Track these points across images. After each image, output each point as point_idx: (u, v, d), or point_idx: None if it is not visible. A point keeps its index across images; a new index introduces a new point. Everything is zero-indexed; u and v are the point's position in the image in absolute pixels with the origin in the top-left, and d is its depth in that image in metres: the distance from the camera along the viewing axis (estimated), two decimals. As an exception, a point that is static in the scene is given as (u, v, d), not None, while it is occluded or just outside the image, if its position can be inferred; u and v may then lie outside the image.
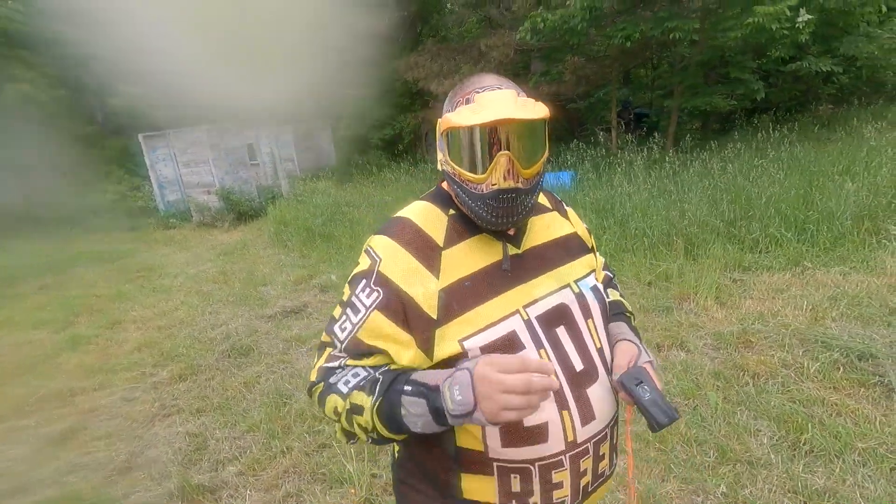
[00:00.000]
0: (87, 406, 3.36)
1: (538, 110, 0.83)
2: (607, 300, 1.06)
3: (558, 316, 0.89)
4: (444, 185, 0.96)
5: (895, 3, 7.30)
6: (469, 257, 0.88)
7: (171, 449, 2.71)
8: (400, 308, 0.83)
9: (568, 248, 0.99)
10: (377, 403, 0.77)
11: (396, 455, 1.01)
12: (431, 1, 13.27)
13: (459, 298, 0.84)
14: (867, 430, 2.16)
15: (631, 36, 7.03)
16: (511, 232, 0.91)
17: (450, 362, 0.81)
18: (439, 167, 0.91)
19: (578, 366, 0.88)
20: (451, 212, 0.92)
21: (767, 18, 5.85)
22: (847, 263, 3.78)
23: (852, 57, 8.17)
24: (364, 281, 0.86)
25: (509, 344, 0.83)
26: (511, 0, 10.01)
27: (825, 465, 2.03)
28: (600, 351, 0.92)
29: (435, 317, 0.83)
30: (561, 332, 0.88)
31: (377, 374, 0.82)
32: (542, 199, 1.05)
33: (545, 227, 0.99)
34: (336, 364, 0.86)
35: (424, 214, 0.92)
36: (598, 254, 1.13)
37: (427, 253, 0.86)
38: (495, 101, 0.81)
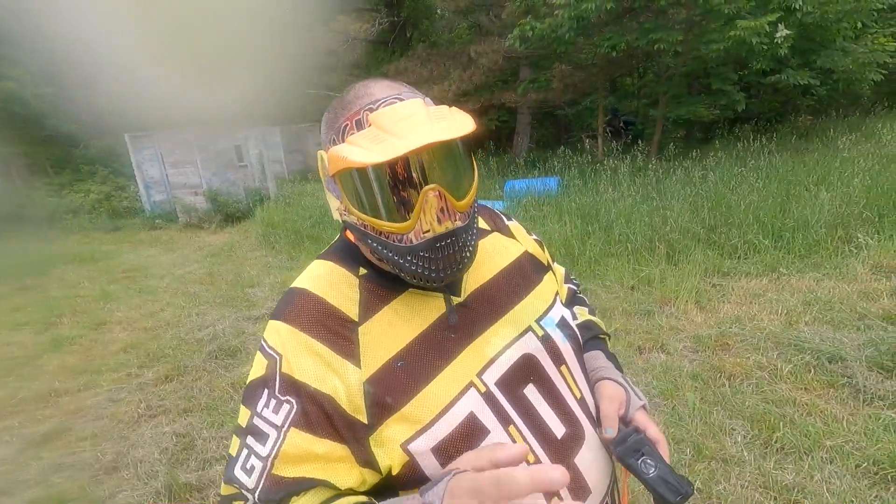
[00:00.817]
0: (72, 407, 3.34)
1: (462, 122, 0.59)
2: (576, 322, 0.88)
3: (524, 373, 0.70)
4: (350, 234, 0.73)
5: (870, 19, 7.57)
6: (396, 328, 0.67)
7: (157, 449, 2.72)
8: (322, 417, 0.61)
9: (522, 276, 0.80)
10: None
11: None
12: (422, 7, 13.38)
13: (392, 387, 0.63)
14: (835, 428, 2.26)
15: (617, 46, 7.20)
16: (461, 272, 0.66)
17: (404, 475, 0.63)
18: (336, 216, 0.69)
19: (560, 431, 0.70)
20: (363, 271, 0.70)
21: (748, 32, 6.04)
22: (820, 270, 3.93)
23: (829, 70, 8.45)
24: (265, 392, 0.63)
25: (468, 433, 0.63)
26: (500, 7, 10.15)
27: (795, 462, 2.12)
28: (581, 401, 0.75)
29: (365, 421, 0.62)
30: (530, 392, 0.70)
31: None
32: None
33: (487, 258, 0.78)
34: None
35: (327, 281, 0.70)
36: (555, 265, 0.95)
37: (339, 334, 0.65)
38: (403, 121, 0.57)
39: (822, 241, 4.28)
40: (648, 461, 0.71)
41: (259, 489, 0.60)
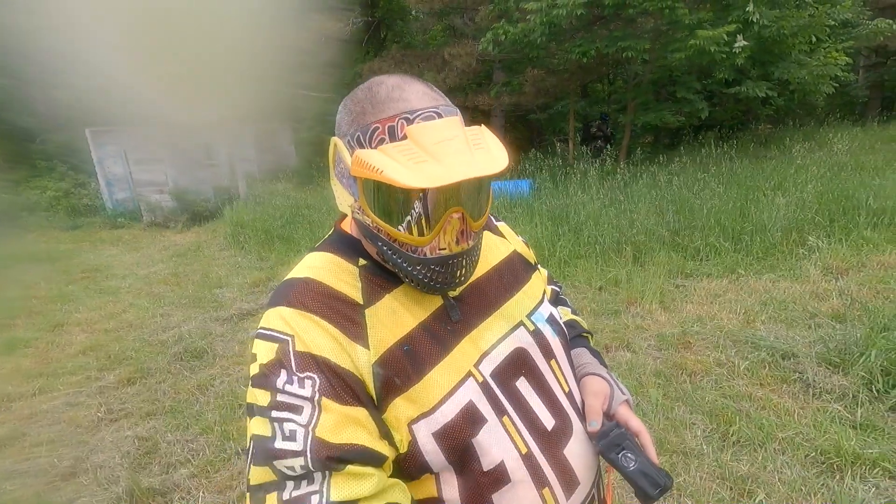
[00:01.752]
0: (27, 412, 3.20)
1: (498, 155, 0.59)
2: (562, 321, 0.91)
3: (516, 365, 0.72)
4: (346, 226, 0.75)
5: (823, 34, 7.98)
6: (400, 314, 0.68)
7: (119, 453, 2.64)
8: (347, 388, 0.60)
9: (513, 274, 0.82)
10: None
11: None
12: (396, 8, 13.37)
13: (400, 370, 0.64)
14: (787, 421, 2.38)
15: (587, 52, 7.37)
16: (463, 283, 0.69)
17: (409, 456, 0.63)
18: (345, 210, 0.69)
19: (550, 423, 0.72)
20: (362, 262, 0.71)
21: (707, 41, 6.28)
22: (776, 271, 4.12)
23: (786, 81, 8.86)
24: (283, 373, 0.60)
25: (468, 421, 0.65)
26: (475, 11, 10.24)
27: (750, 454, 2.22)
28: (570, 395, 0.78)
29: (375, 401, 0.63)
30: (522, 384, 0.72)
31: None
32: None
33: (481, 255, 0.78)
34: (308, 491, 0.56)
35: (327, 270, 0.69)
36: (540, 267, 0.98)
37: (346, 317, 0.64)
38: (443, 144, 0.57)
39: (778, 244, 4.49)
40: (629, 455, 0.73)
41: (309, 450, 0.56)
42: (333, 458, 0.56)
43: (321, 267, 0.70)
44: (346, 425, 0.59)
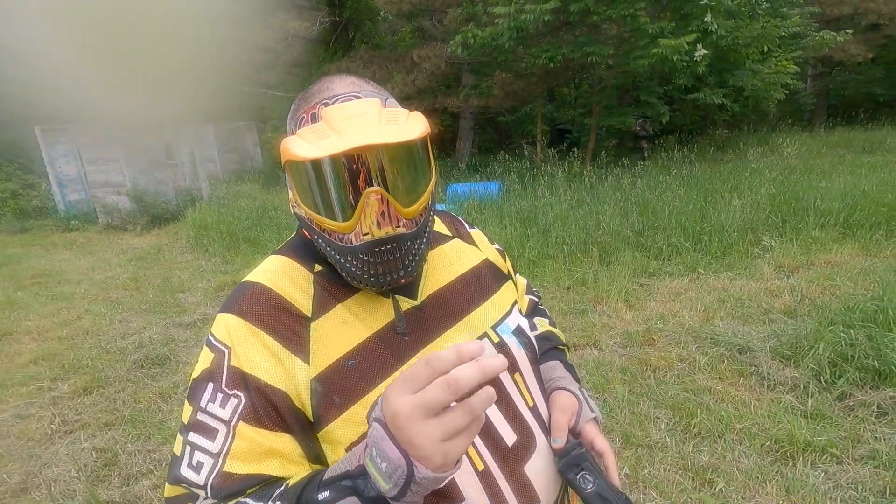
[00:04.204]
0: (-29, 426, 3.01)
1: (413, 126, 0.60)
2: (536, 333, 0.89)
3: None
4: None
5: (773, 45, 8.42)
6: (350, 326, 0.65)
7: (75, 466, 2.52)
8: (272, 411, 0.59)
9: (480, 283, 0.80)
10: None
11: None
12: (364, 8, 13.28)
13: (341, 387, 0.61)
14: (744, 413, 2.49)
15: (554, 57, 7.51)
16: (406, 280, 0.66)
17: None
18: (291, 210, 0.69)
19: (510, 439, 0.69)
20: (318, 267, 0.69)
21: (669, 50, 6.51)
22: (733, 270, 4.31)
23: (741, 88, 9.29)
24: (209, 386, 0.60)
25: None
26: (443, 13, 10.28)
27: (710, 445, 2.31)
28: (534, 410, 0.75)
29: (311, 418, 0.61)
30: None
31: (273, 499, 0.55)
32: (438, 223, 0.84)
33: (447, 263, 0.78)
34: None
35: (282, 275, 0.69)
36: (517, 276, 0.96)
37: (290, 328, 0.63)
38: (351, 119, 0.58)
39: (735, 243, 4.69)
40: (588, 476, 0.70)
41: (210, 486, 0.56)
42: (234, 493, 0.56)
43: (276, 271, 0.69)
44: (258, 457, 0.58)
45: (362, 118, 0.58)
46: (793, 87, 10.05)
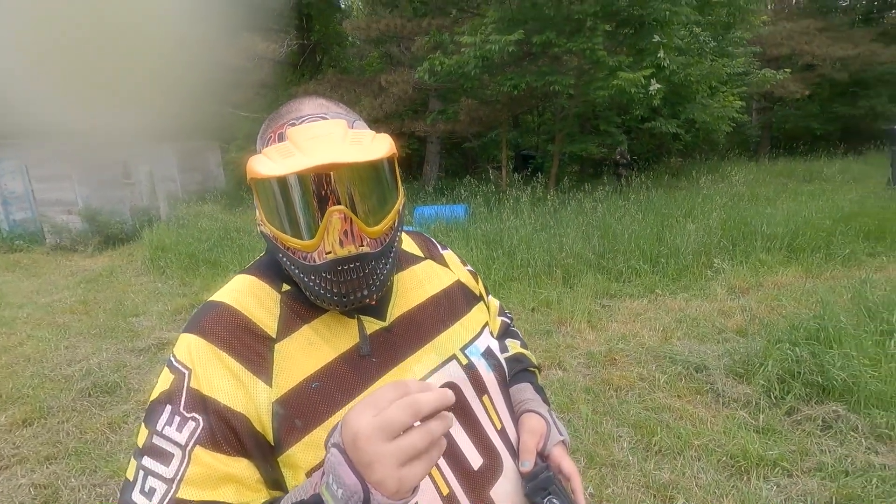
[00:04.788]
0: None
1: (377, 146, 0.61)
2: (507, 355, 0.88)
3: None
4: None
5: (720, 82, 9.04)
6: (315, 347, 0.65)
7: (10, 505, 2.33)
8: (231, 435, 0.58)
9: (451, 305, 0.80)
10: None
11: None
12: (333, 33, 13.43)
13: (303, 410, 0.61)
14: (701, 429, 2.57)
15: (518, 85, 7.80)
16: (372, 301, 0.66)
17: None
18: (257, 229, 0.68)
19: (477, 462, 0.69)
20: (286, 287, 0.69)
21: (627, 83, 6.88)
22: (689, 291, 4.49)
23: (692, 120, 9.86)
24: (167, 409, 0.59)
25: None
26: (411, 41, 10.52)
27: (670, 462, 2.37)
28: (502, 432, 0.75)
29: (271, 442, 0.60)
30: None
31: None
32: (410, 244, 0.85)
33: (417, 284, 0.78)
34: None
35: (249, 295, 0.68)
36: (489, 298, 0.96)
37: (253, 350, 0.62)
38: (316, 139, 0.59)
39: (690, 266, 4.91)
40: (555, 500, 0.70)
41: None
42: None
43: (242, 291, 0.68)
44: (214, 483, 0.56)
45: (327, 138, 0.60)
46: (739, 120, 10.77)
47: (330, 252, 0.60)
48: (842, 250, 5.06)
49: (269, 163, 0.58)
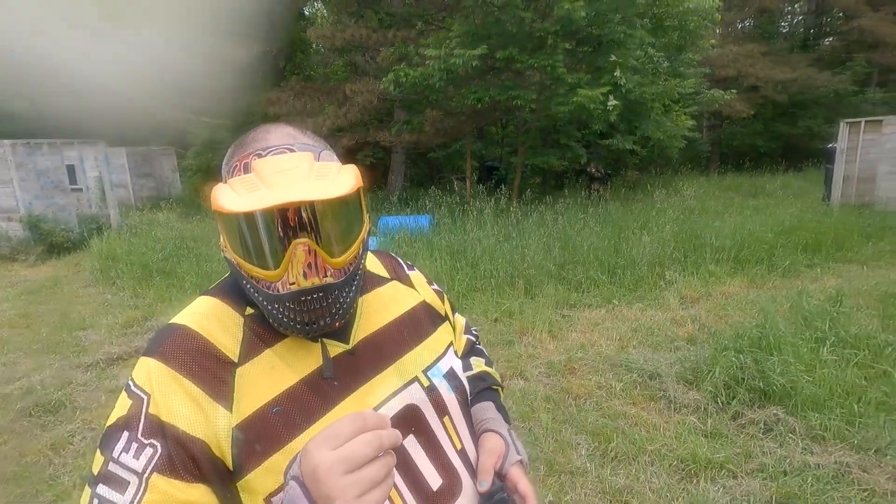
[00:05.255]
0: None
1: (343, 180, 0.61)
2: (471, 373, 0.90)
3: (405, 424, 0.70)
4: None
5: (673, 101, 9.52)
6: (277, 371, 0.65)
7: (-62, 536, 2.17)
8: (189, 461, 0.57)
9: (415, 327, 0.80)
10: None
11: None
12: (296, 40, 13.28)
13: (263, 435, 0.61)
14: (654, 435, 2.68)
15: (482, 98, 7.95)
16: (331, 327, 0.66)
17: None
18: (221, 253, 0.68)
19: (436, 483, 0.70)
20: (249, 310, 0.69)
21: (586, 99, 7.13)
22: (644, 301, 4.68)
23: (647, 137, 10.31)
24: (124, 435, 0.58)
25: None
26: (376, 51, 10.54)
27: (625, 468, 2.46)
28: (462, 453, 0.76)
29: (230, 467, 0.60)
30: (410, 443, 0.70)
31: None
32: (377, 265, 0.85)
33: (382, 306, 0.79)
34: None
35: (211, 318, 0.67)
36: (456, 316, 0.97)
37: (214, 375, 0.62)
38: (281, 174, 0.59)
39: (645, 276, 5.11)
40: None
41: None
42: None
43: (204, 314, 0.68)
44: None
45: (292, 172, 0.60)
46: (691, 136, 11.34)
47: (294, 283, 0.60)
48: (782, 262, 5.39)
49: (234, 196, 0.58)
